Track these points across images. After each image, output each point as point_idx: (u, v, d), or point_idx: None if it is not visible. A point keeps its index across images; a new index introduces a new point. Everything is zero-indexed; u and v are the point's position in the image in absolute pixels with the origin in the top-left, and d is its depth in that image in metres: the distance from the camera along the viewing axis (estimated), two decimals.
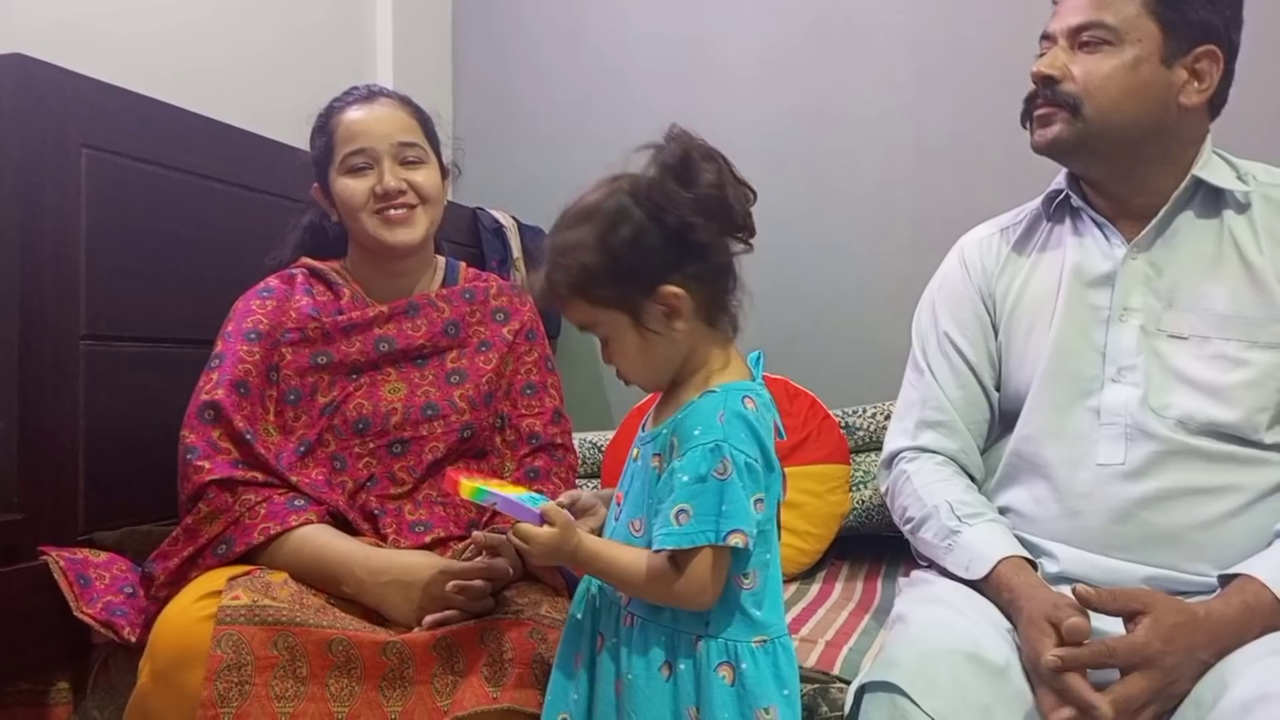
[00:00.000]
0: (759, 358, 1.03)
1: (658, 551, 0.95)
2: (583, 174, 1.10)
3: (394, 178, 1.34)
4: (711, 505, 0.92)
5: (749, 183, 1.00)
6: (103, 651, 1.30)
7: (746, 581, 0.96)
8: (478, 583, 1.17)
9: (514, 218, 2.55)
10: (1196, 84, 1.17)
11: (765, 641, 0.96)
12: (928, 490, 1.25)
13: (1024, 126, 1.25)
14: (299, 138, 1.46)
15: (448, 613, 1.15)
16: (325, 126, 1.39)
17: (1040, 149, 1.24)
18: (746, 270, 1.17)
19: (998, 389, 1.31)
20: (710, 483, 0.92)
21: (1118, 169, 1.20)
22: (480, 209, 2.48)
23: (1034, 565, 1.14)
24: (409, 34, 2.59)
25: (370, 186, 1.34)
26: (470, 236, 2.43)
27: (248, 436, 1.24)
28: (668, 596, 0.95)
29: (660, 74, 2.60)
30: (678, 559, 0.93)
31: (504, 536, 1.25)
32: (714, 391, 0.97)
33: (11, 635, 1.22)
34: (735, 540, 0.91)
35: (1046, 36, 1.23)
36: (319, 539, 1.21)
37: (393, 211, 1.34)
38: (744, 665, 0.94)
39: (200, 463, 1.22)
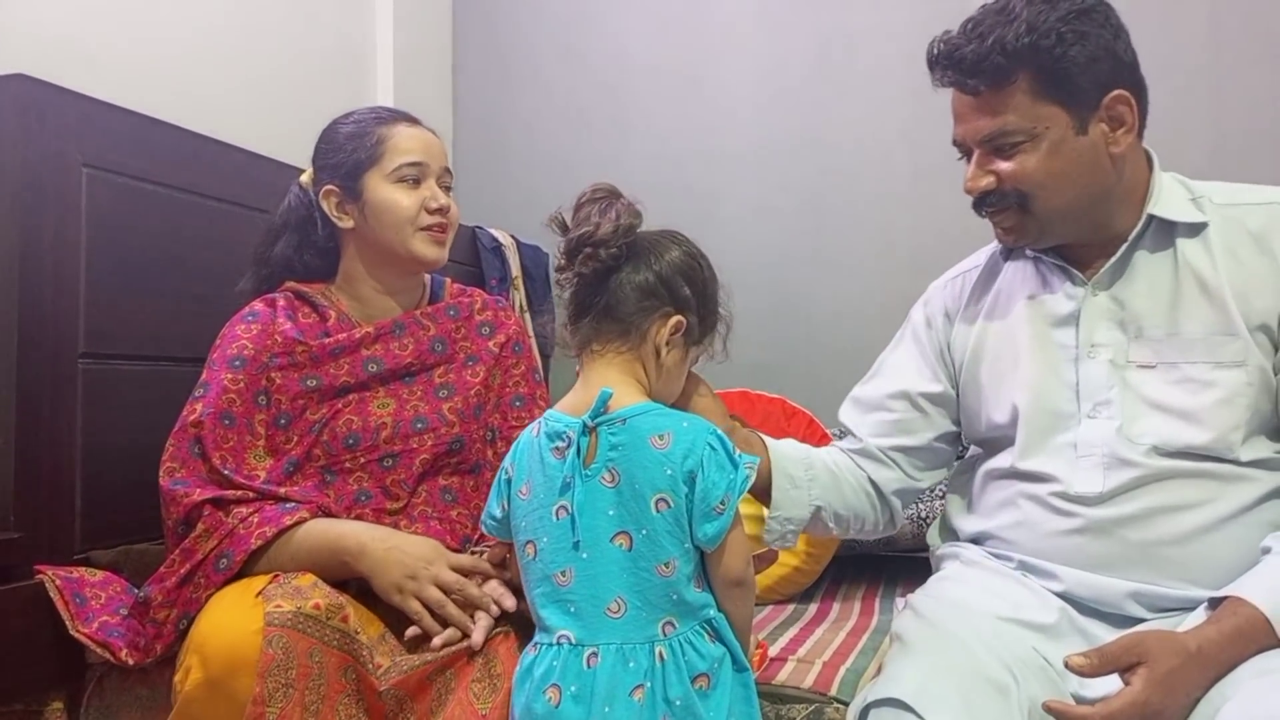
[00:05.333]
0: (606, 394, 1.08)
1: None
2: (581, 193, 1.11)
3: (445, 196, 1.39)
4: None
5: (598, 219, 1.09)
6: (97, 671, 1.29)
7: None
8: (474, 590, 1.18)
9: (513, 236, 2.56)
10: (1120, 130, 1.16)
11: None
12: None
13: (981, 217, 1.25)
14: (299, 157, 1.46)
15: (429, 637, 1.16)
16: (367, 133, 1.38)
17: (1009, 245, 1.27)
18: (745, 290, 1.19)
19: (956, 424, 1.35)
20: None
21: (1081, 232, 1.21)
22: (479, 227, 2.49)
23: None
24: (409, 54, 2.61)
25: (421, 201, 1.36)
26: (469, 255, 2.44)
27: (225, 472, 1.26)
28: None
29: (659, 95, 2.61)
30: None
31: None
32: None
33: (6, 655, 1.21)
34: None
35: (958, 144, 1.23)
36: (318, 527, 1.23)
37: (437, 229, 1.38)
38: None
39: (189, 490, 1.23)
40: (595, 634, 1.03)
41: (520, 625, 1.18)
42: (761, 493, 1.31)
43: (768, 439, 1.35)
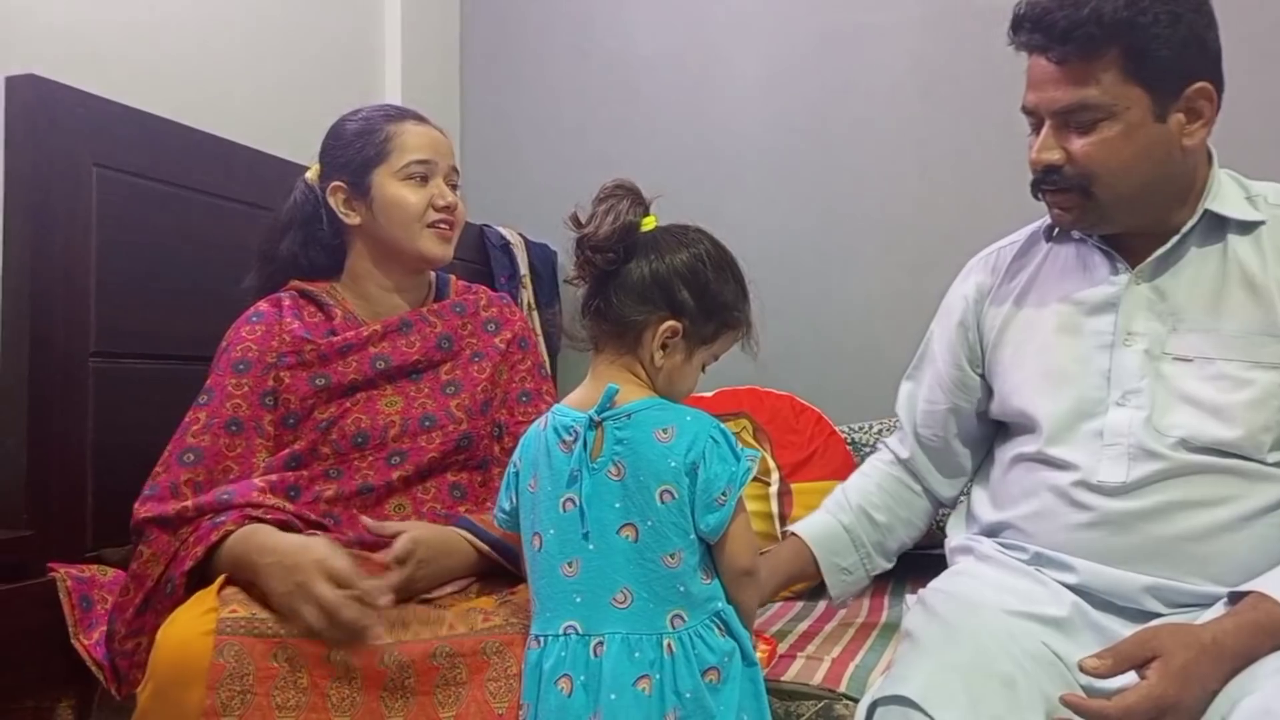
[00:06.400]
0: (612, 390, 1.09)
1: None
2: (589, 191, 1.11)
3: (452, 194, 1.40)
4: None
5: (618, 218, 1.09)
6: None
7: None
8: (365, 583, 1.09)
9: (521, 234, 2.56)
10: (1196, 121, 1.14)
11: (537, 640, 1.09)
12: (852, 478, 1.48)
13: (1035, 199, 1.23)
14: (308, 155, 1.46)
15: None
16: (376, 130, 1.38)
17: (1064, 229, 1.25)
18: (753, 286, 1.18)
19: (983, 410, 1.36)
20: None
21: (1138, 222, 1.19)
22: (487, 226, 2.49)
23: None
24: (417, 52, 2.61)
25: (428, 198, 1.37)
26: (477, 254, 2.44)
27: (213, 481, 1.24)
28: None
29: (666, 92, 2.61)
30: None
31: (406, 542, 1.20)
32: None
33: (18, 652, 1.22)
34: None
35: (1030, 112, 1.19)
36: (237, 542, 1.16)
37: (443, 226, 1.39)
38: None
39: (143, 503, 1.21)
40: (601, 624, 1.04)
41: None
42: (811, 579, 1.43)
43: (805, 532, 1.42)
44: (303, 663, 1.07)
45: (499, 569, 1.28)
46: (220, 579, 1.15)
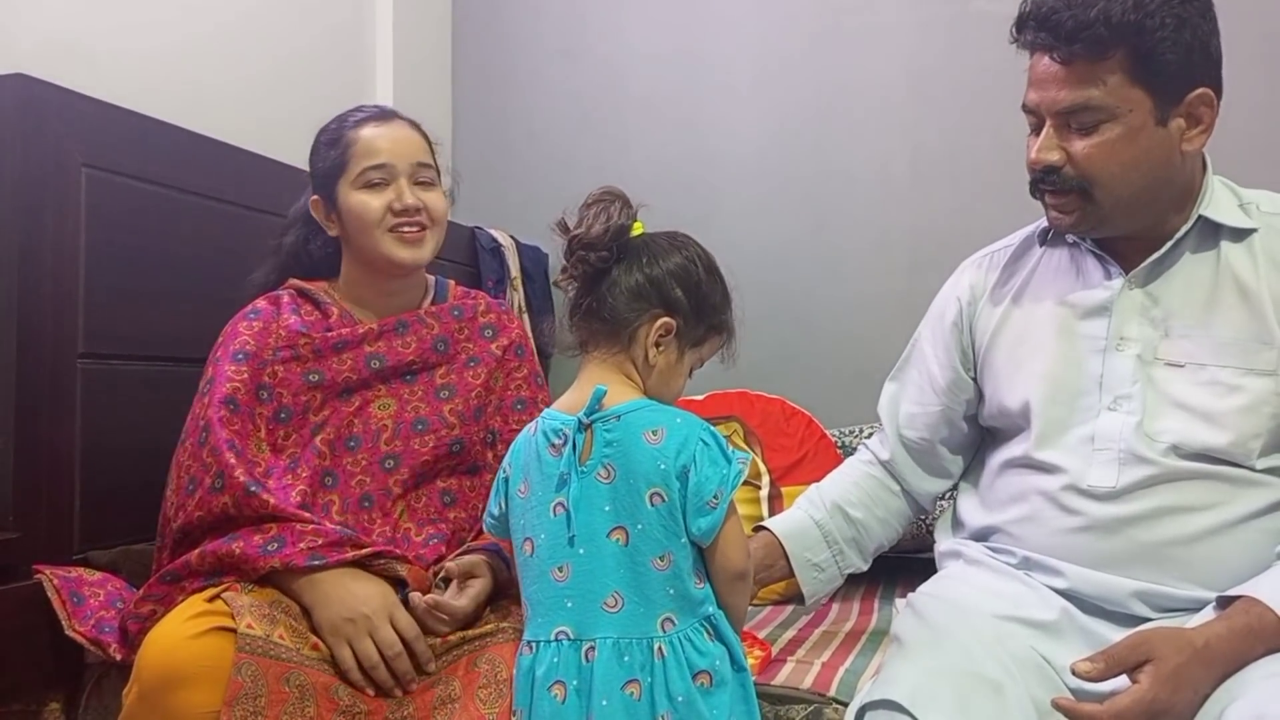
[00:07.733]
0: (600, 392, 1.09)
1: None
2: (581, 193, 1.12)
3: (412, 196, 1.36)
4: None
5: (601, 220, 1.10)
6: (95, 671, 1.29)
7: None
8: (404, 664, 1.14)
9: (512, 237, 2.56)
10: (1196, 127, 1.14)
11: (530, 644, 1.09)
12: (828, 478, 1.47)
13: (1034, 198, 1.23)
14: (298, 157, 1.46)
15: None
16: (338, 140, 1.38)
17: (1062, 231, 1.24)
18: (745, 289, 1.19)
19: (973, 413, 1.36)
20: None
21: (1135, 226, 1.19)
22: (478, 228, 2.49)
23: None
24: (408, 54, 2.61)
25: (387, 203, 1.34)
26: (468, 256, 2.44)
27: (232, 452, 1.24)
28: None
29: (657, 94, 2.62)
30: None
31: (477, 558, 1.24)
32: None
33: (4, 655, 1.22)
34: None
35: (1030, 111, 1.18)
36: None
37: (406, 230, 1.35)
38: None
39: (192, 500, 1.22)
40: (592, 628, 1.04)
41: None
42: (783, 578, 1.40)
43: (778, 526, 1.41)
44: (311, 692, 1.09)
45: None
46: (218, 589, 1.16)
